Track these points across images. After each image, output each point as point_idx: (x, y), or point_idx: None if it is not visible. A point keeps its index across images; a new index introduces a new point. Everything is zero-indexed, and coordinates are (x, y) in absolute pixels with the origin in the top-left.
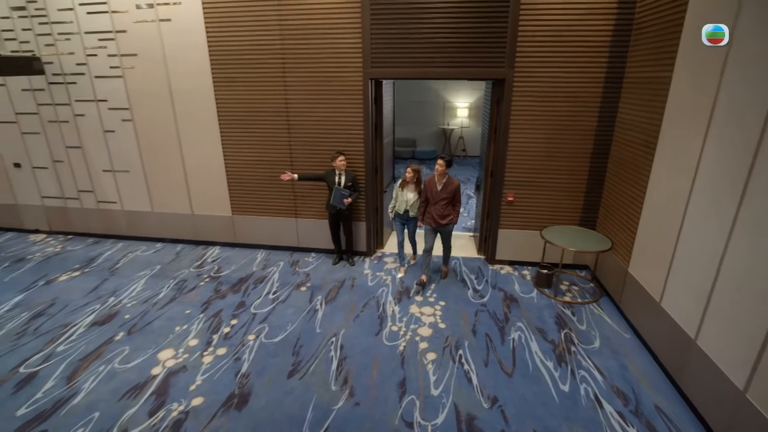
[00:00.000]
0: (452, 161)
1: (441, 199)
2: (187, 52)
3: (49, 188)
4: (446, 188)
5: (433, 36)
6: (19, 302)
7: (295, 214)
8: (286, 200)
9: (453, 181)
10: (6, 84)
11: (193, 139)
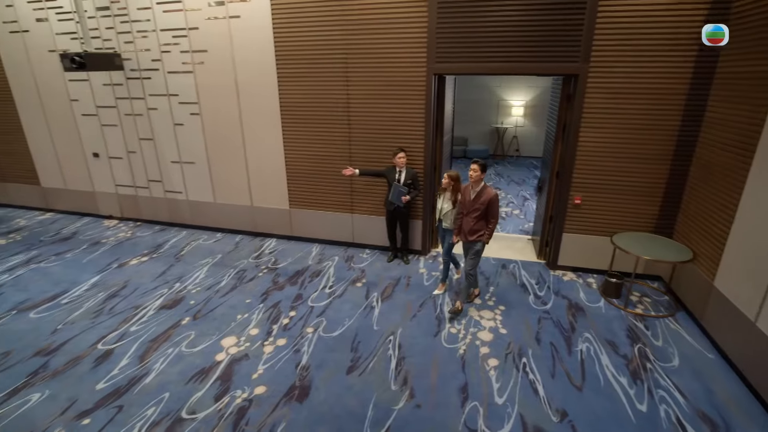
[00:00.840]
0: (487, 166)
1: (473, 210)
2: (254, 48)
3: (122, 177)
4: (479, 198)
5: (502, 29)
6: (96, 283)
7: (351, 209)
8: (343, 195)
9: (488, 191)
10: (89, 79)
11: (255, 133)
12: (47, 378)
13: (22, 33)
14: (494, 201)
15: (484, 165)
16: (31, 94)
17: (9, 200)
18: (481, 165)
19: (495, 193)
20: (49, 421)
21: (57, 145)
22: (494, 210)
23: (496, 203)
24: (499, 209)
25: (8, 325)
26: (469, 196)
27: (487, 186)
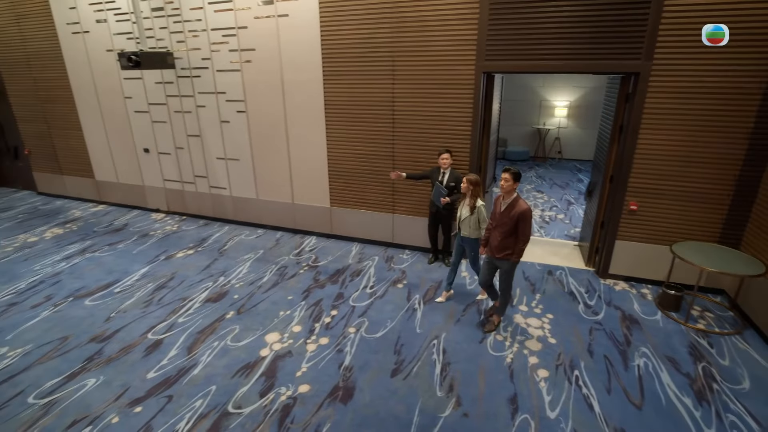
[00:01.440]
0: (520, 174)
1: (501, 224)
2: (301, 46)
3: (170, 172)
4: (509, 211)
5: (558, 25)
6: (145, 273)
7: (393, 209)
8: (384, 195)
9: (520, 204)
10: (143, 77)
11: (299, 131)
12: (102, 364)
13: (83, 34)
14: (525, 216)
15: (517, 173)
16: (89, 93)
17: (66, 192)
18: (513, 173)
19: (527, 207)
20: (103, 406)
21: (111, 140)
22: (524, 227)
23: (527, 219)
24: (532, 226)
25: (66, 311)
26: (500, 208)
27: (520, 198)
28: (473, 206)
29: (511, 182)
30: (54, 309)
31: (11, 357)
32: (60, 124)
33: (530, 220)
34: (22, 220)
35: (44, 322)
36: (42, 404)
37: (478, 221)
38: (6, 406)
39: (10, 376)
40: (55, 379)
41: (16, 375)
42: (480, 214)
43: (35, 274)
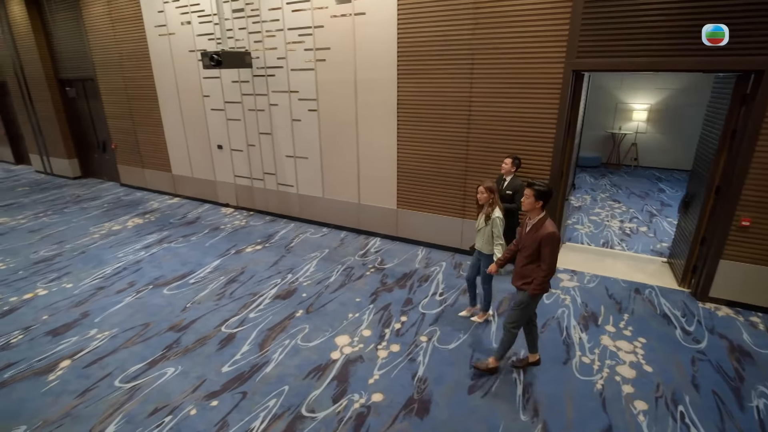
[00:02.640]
0: (548, 193)
1: (525, 247)
2: (376, 44)
3: (241, 168)
4: (533, 232)
5: (663, 19)
6: (217, 266)
7: (463, 214)
8: (455, 198)
9: (546, 226)
10: (221, 76)
11: (369, 131)
12: (179, 354)
13: (168, 36)
14: (548, 241)
15: (541, 191)
16: (171, 91)
17: (146, 184)
18: (537, 191)
19: (553, 231)
20: (182, 397)
21: (188, 137)
22: (548, 254)
23: (550, 245)
24: (557, 255)
25: (147, 299)
26: (526, 228)
27: (548, 219)
28: (488, 216)
29: (532, 199)
30: (136, 295)
31: (100, 339)
32: (144, 120)
33: (555, 246)
34: (108, 209)
35: (128, 307)
36: (127, 388)
37: (491, 234)
38: (95, 387)
39: (99, 357)
40: (138, 365)
41: (104, 357)
42: (495, 226)
43: (119, 260)
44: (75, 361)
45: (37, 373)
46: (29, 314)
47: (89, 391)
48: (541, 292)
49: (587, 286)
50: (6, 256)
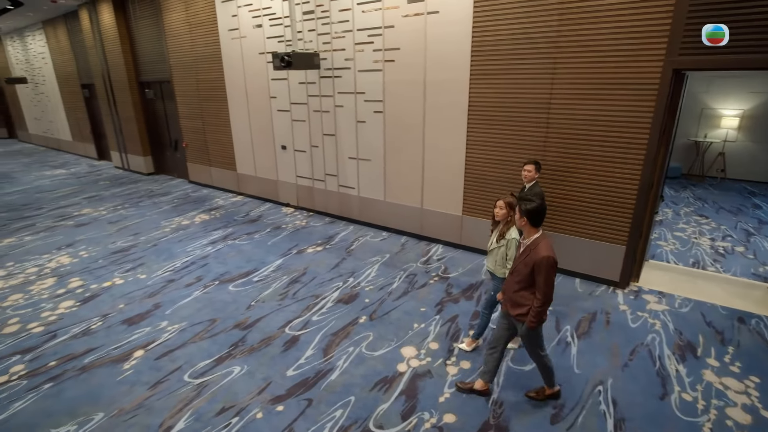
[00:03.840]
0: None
1: (517, 270)
2: (449, 44)
3: (303, 169)
4: (525, 255)
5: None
6: (280, 266)
7: None
8: None
9: (540, 248)
10: (288, 78)
11: (436, 134)
12: (245, 353)
13: (240, 39)
14: (542, 267)
15: (528, 210)
16: (239, 92)
17: (212, 182)
18: (524, 210)
19: (547, 255)
20: (248, 398)
21: (254, 137)
22: (542, 281)
23: (545, 271)
24: (553, 281)
25: (213, 294)
26: (521, 248)
27: (543, 240)
28: (503, 235)
29: (518, 215)
30: (204, 290)
31: (170, 332)
32: (213, 120)
33: (551, 272)
34: (177, 204)
35: (196, 301)
36: (195, 384)
37: (505, 256)
38: (166, 380)
39: (169, 350)
40: (206, 361)
41: (174, 350)
42: (509, 248)
43: (188, 254)
44: (148, 351)
45: (113, 361)
46: (107, 302)
47: (160, 384)
48: (538, 324)
49: (679, 310)
50: (89, 245)
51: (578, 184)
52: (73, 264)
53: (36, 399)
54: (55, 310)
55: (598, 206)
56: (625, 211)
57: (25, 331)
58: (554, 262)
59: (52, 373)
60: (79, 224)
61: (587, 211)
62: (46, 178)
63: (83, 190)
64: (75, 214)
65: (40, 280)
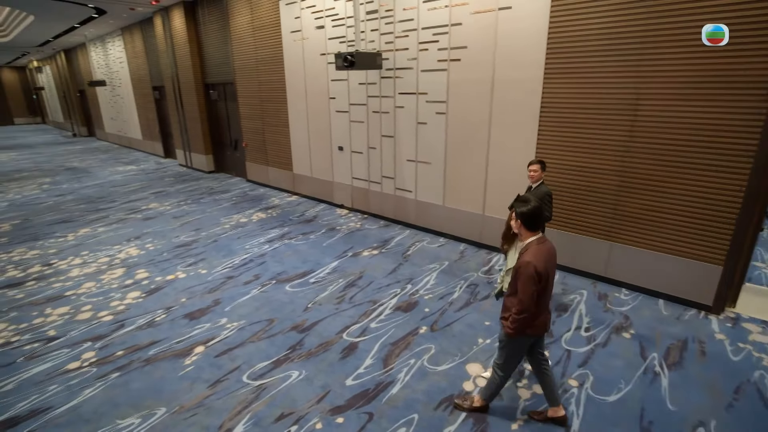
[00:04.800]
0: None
1: (513, 276)
2: (521, 40)
3: (359, 171)
4: (517, 260)
5: None
6: (335, 268)
7: (611, 236)
8: (603, 218)
9: (526, 254)
10: (348, 79)
11: (503, 136)
12: (303, 357)
13: (302, 40)
14: (520, 271)
15: (522, 213)
16: (299, 93)
17: (268, 181)
18: (518, 213)
19: (527, 260)
20: (307, 406)
21: (311, 137)
22: (519, 287)
23: (523, 277)
24: (531, 289)
25: (271, 294)
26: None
27: (537, 245)
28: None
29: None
30: (261, 289)
31: (229, 329)
32: (272, 121)
33: (529, 279)
34: (236, 202)
35: (254, 300)
36: (254, 386)
37: None
38: (226, 379)
39: (228, 348)
40: (264, 362)
41: (233, 349)
42: None
43: (246, 252)
44: (208, 348)
45: (175, 355)
46: (171, 295)
47: (220, 383)
48: (517, 334)
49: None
50: (155, 238)
51: (668, 194)
52: (140, 256)
53: (104, 388)
54: (123, 300)
55: (692, 220)
56: (725, 227)
57: (96, 319)
58: (534, 270)
59: (119, 362)
60: (146, 218)
61: (677, 226)
62: (118, 174)
63: (150, 185)
64: (143, 208)
65: (110, 270)
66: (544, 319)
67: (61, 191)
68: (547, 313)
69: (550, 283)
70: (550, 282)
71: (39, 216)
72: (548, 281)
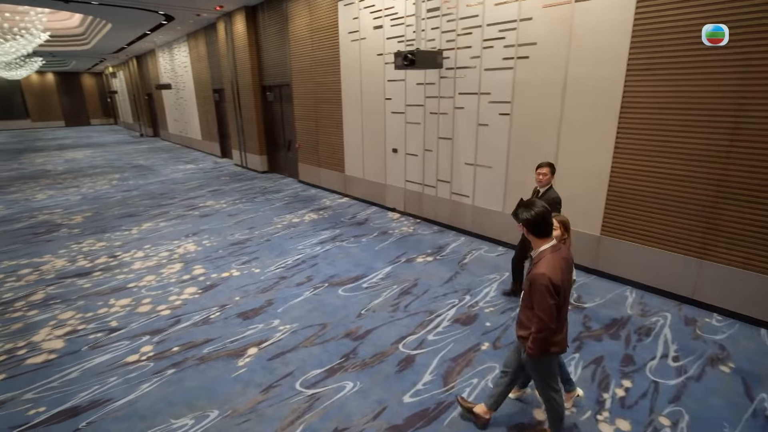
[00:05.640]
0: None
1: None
2: (600, 34)
3: (413, 174)
4: (529, 271)
5: None
6: (389, 273)
7: (702, 252)
8: (691, 231)
9: (539, 265)
10: (405, 79)
11: (575, 139)
12: (357, 367)
13: (360, 41)
14: (535, 284)
15: (528, 221)
16: (354, 94)
17: (319, 182)
18: (522, 220)
19: (542, 272)
20: (362, 422)
21: (365, 139)
22: (537, 301)
23: (539, 290)
24: (548, 306)
25: (323, 297)
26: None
27: (547, 255)
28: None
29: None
30: (314, 291)
31: (282, 332)
32: (326, 122)
33: (545, 292)
34: (288, 202)
35: (306, 302)
36: (307, 395)
37: None
38: (278, 385)
39: (281, 351)
40: (317, 370)
41: (286, 353)
42: None
43: (298, 252)
44: (261, 350)
45: (229, 355)
46: (225, 293)
47: (273, 388)
48: (540, 355)
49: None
50: (211, 235)
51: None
52: (198, 252)
53: (160, 384)
54: (180, 295)
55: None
56: None
57: (154, 313)
58: (549, 282)
59: (175, 359)
60: (203, 215)
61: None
62: (179, 172)
63: (208, 184)
64: (200, 205)
65: (169, 264)
66: (565, 334)
67: (128, 187)
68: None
69: (567, 293)
70: (567, 293)
71: (108, 209)
72: (566, 292)
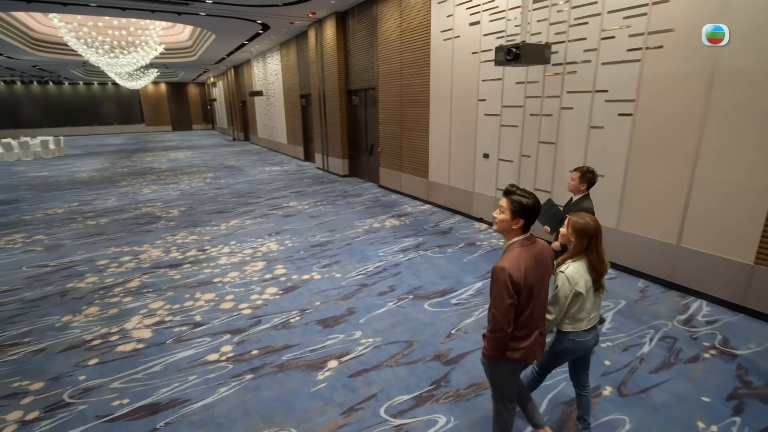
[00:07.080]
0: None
1: None
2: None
3: (506, 181)
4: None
5: None
6: (480, 290)
7: None
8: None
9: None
10: (503, 78)
11: (724, 145)
12: (450, 398)
13: (453, 39)
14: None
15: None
16: (444, 96)
17: (401, 188)
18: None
19: (501, 266)
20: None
21: (452, 143)
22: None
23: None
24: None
25: (408, 310)
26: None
27: (514, 248)
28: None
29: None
30: (397, 303)
31: (364, 345)
32: (411, 126)
33: (502, 288)
34: (368, 206)
35: (390, 315)
36: (393, 426)
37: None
38: (361, 408)
39: (364, 369)
40: (404, 396)
41: (369, 370)
42: (561, 287)
43: (380, 259)
44: (341, 364)
45: (308, 366)
46: (305, 296)
47: (355, 411)
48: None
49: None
50: (293, 235)
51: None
52: (280, 251)
53: (237, 390)
54: (262, 294)
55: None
56: None
57: (236, 311)
58: (508, 278)
59: (254, 363)
60: (286, 215)
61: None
62: (265, 173)
63: (291, 185)
64: (284, 205)
65: (253, 262)
66: (533, 345)
67: (220, 185)
68: (540, 337)
69: (539, 297)
70: (536, 295)
71: (201, 205)
72: (532, 294)
